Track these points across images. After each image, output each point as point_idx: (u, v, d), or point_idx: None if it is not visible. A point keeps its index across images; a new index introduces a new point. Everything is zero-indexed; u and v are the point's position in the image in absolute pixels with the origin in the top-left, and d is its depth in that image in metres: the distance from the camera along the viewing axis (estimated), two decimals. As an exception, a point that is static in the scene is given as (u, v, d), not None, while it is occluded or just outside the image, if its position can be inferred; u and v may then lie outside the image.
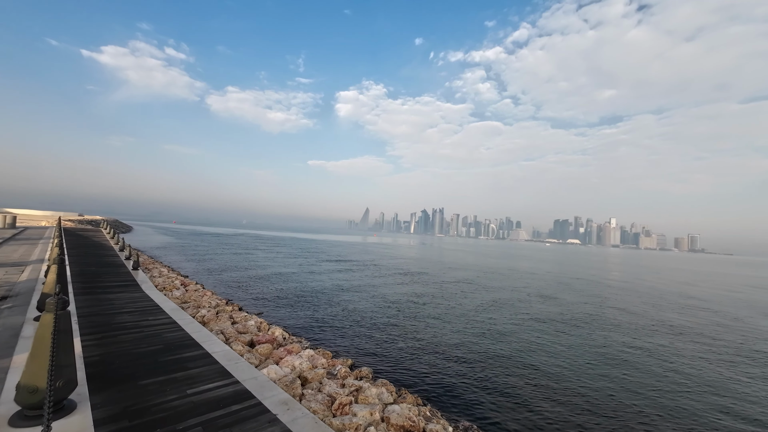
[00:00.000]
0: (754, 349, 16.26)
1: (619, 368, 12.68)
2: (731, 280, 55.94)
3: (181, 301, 14.82)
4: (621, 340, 16.22)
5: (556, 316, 20.44)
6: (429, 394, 9.80)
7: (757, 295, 37.46)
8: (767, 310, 27.51)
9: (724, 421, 9.37)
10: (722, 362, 14.18)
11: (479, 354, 13.27)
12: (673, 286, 40.65)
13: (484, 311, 20.66)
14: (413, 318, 17.99)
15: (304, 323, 15.83)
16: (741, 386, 11.82)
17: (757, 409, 10.20)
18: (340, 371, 9.50)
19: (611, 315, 21.86)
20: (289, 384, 7.79)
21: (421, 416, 7.86)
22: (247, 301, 19.10)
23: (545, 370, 12.04)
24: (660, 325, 19.82)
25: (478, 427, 8.06)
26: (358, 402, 7.91)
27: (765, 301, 33.50)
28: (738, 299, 33.04)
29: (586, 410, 9.42)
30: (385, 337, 14.61)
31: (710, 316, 23.41)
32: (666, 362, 13.67)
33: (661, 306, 26.24)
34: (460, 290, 27.81)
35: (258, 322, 13.30)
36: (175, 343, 8.68)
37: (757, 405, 10.51)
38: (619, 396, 10.41)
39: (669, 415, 9.48)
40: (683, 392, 11.03)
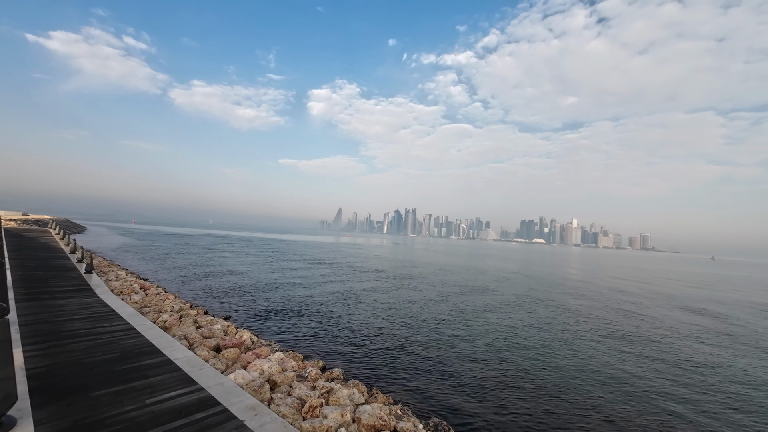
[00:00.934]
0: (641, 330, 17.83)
1: (577, 359, 13.43)
2: (654, 274, 60.99)
3: (140, 306, 13.99)
4: (576, 333, 17.19)
5: (521, 313, 21.30)
6: (400, 393, 9.89)
7: (663, 287, 41.09)
8: (660, 299, 30.27)
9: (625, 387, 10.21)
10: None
11: (449, 352, 13.56)
12: (606, 281, 43.71)
13: (453, 310, 21.13)
14: (385, 318, 18.08)
15: (274, 326, 15.46)
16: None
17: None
18: (310, 373, 9.37)
19: (567, 310, 23.11)
20: (257, 389, 7.58)
21: (392, 415, 7.92)
22: (214, 305, 18.36)
23: (513, 366, 12.52)
24: (585, 317, 21.24)
25: (447, 423, 8.24)
26: (329, 404, 7.84)
27: (663, 292, 36.79)
28: (649, 290, 36.12)
29: (552, 402, 9.90)
30: (357, 337, 14.58)
31: (618, 303, 25.39)
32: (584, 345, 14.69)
33: (589, 298, 28.14)
34: (431, 290, 28.28)
35: (225, 325, 12.83)
36: (134, 350, 8.19)
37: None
38: (583, 387, 11.03)
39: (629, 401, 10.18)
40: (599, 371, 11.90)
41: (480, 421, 8.74)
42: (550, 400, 10.03)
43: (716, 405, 10.45)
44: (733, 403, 10.65)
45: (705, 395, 11.07)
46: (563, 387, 10.96)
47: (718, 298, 34.84)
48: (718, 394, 11.27)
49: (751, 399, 11.05)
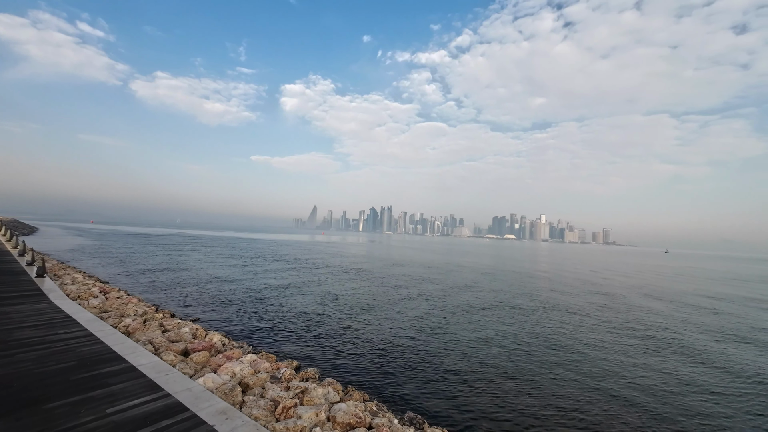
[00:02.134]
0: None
1: (545, 349, 14.08)
2: (612, 267, 65.20)
3: (100, 311, 13.19)
4: (544, 324, 18.01)
5: (492, 307, 21.98)
6: (376, 389, 9.95)
7: (617, 278, 44.14)
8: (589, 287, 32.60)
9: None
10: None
11: (424, 347, 13.79)
12: (570, 273, 46.23)
13: (427, 306, 21.48)
14: (360, 315, 18.09)
15: (246, 327, 15.07)
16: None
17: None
18: (284, 374, 9.23)
19: (537, 302, 24.14)
20: (228, 392, 7.38)
21: (367, 412, 7.96)
22: (181, 307, 17.62)
23: (485, 358, 12.91)
24: (547, 304, 22.42)
25: (422, 417, 8.39)
26: (303, 404, 7.76)
27: (595, 281, 39.59)
28: (607, 281, 38.71)
29: (523, 392, 10.31)
30: (333, 336, 14.50)
31: (562, 288, 27.06)
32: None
33: (552, 289, 29.69)
34: (405, 286, 28.58)
35: (193, 328, 12.36)
36: (93, 357, 7.72)
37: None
38: (553, 375, 11.56)
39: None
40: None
41: (454, 413, 8.96)
42: (521, 390, 10.45)
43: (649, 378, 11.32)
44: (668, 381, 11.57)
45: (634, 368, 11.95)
46: (534, 377, 11.44)
47: (663, 286, 37.62)
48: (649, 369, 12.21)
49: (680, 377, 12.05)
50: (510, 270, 48.09)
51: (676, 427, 8.81)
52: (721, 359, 14.22)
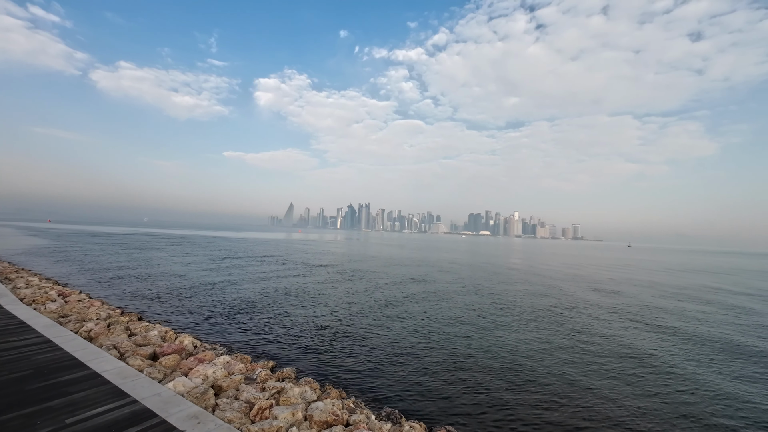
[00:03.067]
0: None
1: (518, 340, 14.59)
2: (579, 260, 68.70)
3: (58, 315, 12.40)
4: (515, 316, 18.66)
5: (468, 302, 22.50)
6: (354, 387, 9.96)
7: (584, 270, 46.72)
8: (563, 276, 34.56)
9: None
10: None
11: (401, 343, 13.92)
12: (539, 267, 48.29)
13: (404, 302, 21.69)
14: (337, 314, 18.01)
15: (220, 328, 14.63)
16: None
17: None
18: (260, 375, 9.06)
19: (513, 297, 24.96)
20: (200, 395, 7.15)
21: (344, 409, 7.96)
22: (149, 309, 16.85)
23: (461, 353, 13.21)
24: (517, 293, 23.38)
25: (399, 412, 8.49)
26: (279, 404, 7.66)
27: (583, 274, 41.95)
28: (573, 273, 40.86)
29: (498, 385, 10.63)
30: (310, 334, 14.36)
31: (548, 287, 28.45)
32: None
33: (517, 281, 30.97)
34: (383, 283, 28.71)
35: (162, 331, 11.88)
36: (50, 365, 7.25)
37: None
38: (528, 367, 11.99)
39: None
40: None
41: (431, 407, 9.12)
42: (497, 382, 10.78)
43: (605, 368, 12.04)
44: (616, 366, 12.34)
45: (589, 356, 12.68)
46: (509, 369, 11.83)
47: (624, 277, 39.93)
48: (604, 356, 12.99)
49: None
50: (484, 265, 49.35)
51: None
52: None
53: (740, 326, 19.14)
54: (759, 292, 33.65)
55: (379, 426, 7.40)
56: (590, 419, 8.77)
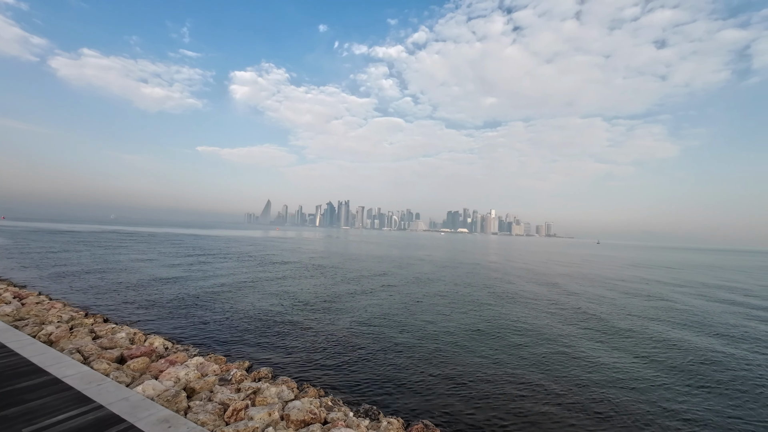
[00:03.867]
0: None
1: (501, 338, 15.01)
2: (553, 256, 71.70)
3: (13, 319, 11.62)
4: (489, 309, 19.20)
5: (444, 297, 22.89)
6: (332, 385, 9.92)
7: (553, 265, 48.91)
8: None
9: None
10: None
11: (379, 339, 13.99)
12: (513, 262, 50.02)
13: (383, 299, 21.79)
14: (315, 312, 17.86)
15: (193, 329, 14.17)
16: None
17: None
18: (235, 375, 8.86)
19: (489, 292, 25.62)
20: (171, 399, 6.91)
21: (322, 407, 7.93)
22: (116, 311, 16.08)
23: (437, 348, 13.43)
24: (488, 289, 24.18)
25: (377, 408, 8.54)
26: (255, 405, 7.53)
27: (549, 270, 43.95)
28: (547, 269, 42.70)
29: (474, 379, 10.89)
30: (287, 334, 14.17)
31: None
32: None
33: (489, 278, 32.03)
34: (362, 281, 28.71)
35: (131, 333, 11.38)
36: (5, 372, 6.79)
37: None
38: (505, 360, 12.33)
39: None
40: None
41: (409, 402, 9.24)
42: (473, 376, 11.04)
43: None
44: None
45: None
46: (485, 362, 12.14)
47: (586, 272, 41.93)
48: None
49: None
50: (462, 262, 50.33)
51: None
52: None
53: (666, 313, 20.53)
54: (688, 284, 36.17)
55: (357, 423, 7.43)
56: (563, 408, 9.16)
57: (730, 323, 19.33)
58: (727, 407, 9.65)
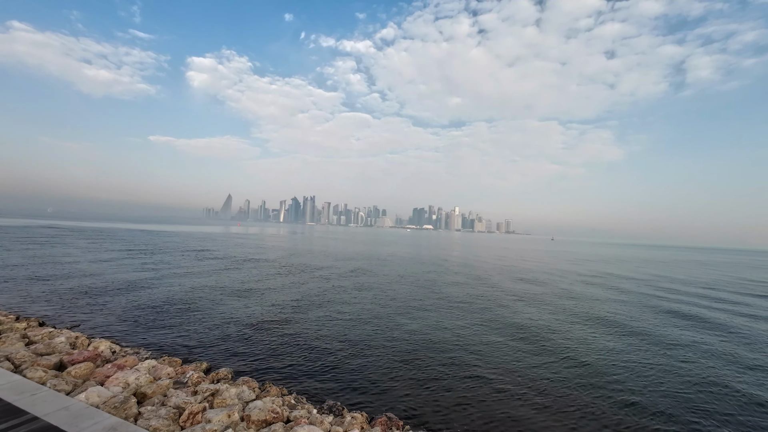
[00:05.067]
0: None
1: (455, 330, 15.56)
2: (510, 252, 75.90)
3: (-74, 325, 10.23)
4: (451, 304, 19.89)
5: (406, 292, 23.32)
6: (295, 383, 9.79)
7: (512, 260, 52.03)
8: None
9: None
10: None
11: (342, 335, 13.98)
12: (473, 257, 52.34)
13: (345, 294, 21.77)
14: (277, 309, 17.46)
15: (144, 331, 13.29)
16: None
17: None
18: (191, 378, 8.46)
19: (448, 285, 26.46)
20: (119, 405, 6.48)
21: (285, 406, 7.81)
22: (55, 314, 14.67)
23: (399, 341, 13.67)
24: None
25: (341, 404, 8.56)
26: (213, 407, 7.25)
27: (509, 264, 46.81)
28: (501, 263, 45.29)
29: (437, 371, 11.22)
30: (248, 332, 13.73)
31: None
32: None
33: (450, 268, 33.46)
34: (325, 277, 28.46)
35: (71, 337, 10.47)
36: None
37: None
38: (466, 351, 12.79)
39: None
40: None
41: (373, 397, 9.35)
42: (436, 368, 11.38)
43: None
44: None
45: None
46: (447, 354, 12.54)
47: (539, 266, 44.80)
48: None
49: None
50: (425, 259, 51.45)
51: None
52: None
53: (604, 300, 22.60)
54: (612, 274, 40.00)
55: (321, 419, 7.40)
56: (520, 399, 9.73)
57: (635, 309, 21.52)
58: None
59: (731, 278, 44.18)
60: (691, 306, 23.80)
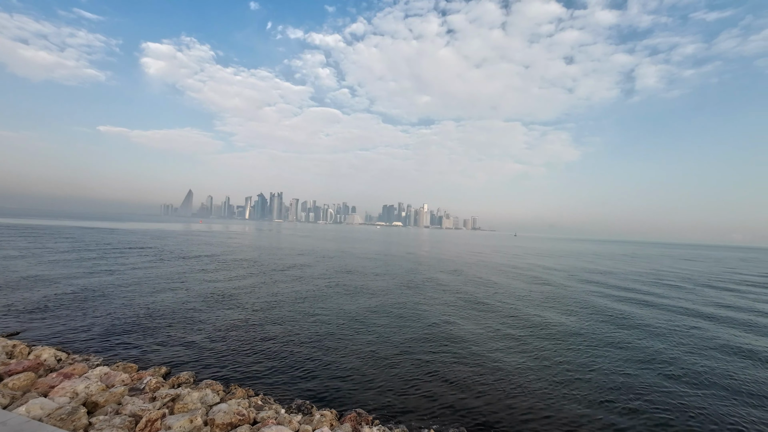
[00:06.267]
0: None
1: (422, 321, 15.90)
2: (454, 247, 78.89)
3: None
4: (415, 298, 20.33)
5: (372, 287, 23.48)
6: (262, 383, 9.56)
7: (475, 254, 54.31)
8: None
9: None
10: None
11: (308, 333, 13.83)
12: (424, 251, 53.92)
13: (311, 292, 21.52)
14: (241, 309, 16.92)
15: (95, 336, 12.36)
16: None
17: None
18: (149, 383, 8.01)
19: (415, 282, 26.97)
20: (66, 417, 6.01)
21: (252, 407, 7.62)
22: (-13, 320, 13.24)
23: (368, 337, 13.76)
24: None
25: (310, 402, 8.49)
26: (174, 412, 6.92)
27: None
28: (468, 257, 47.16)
29: (406, 366, 11.39)
30: (210, 334, 13.19)
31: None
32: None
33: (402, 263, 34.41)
34: (288, 274, 27.95)
35: (8, 346, 9.53)
36: None
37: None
38: (429, 346, 13.07)
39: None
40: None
41: (342, 394, 9.34)
42: (401, 362, 11.56)
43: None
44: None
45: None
46: (411, 349, 12.78)
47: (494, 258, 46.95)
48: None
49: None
50: (393, 254, 51.97)
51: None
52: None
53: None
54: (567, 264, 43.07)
55: (289, 419, 7.30)
56: (484, 387, 10.13)
57: (583, 295, 23.27)
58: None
59: (651, 269, 48.57)
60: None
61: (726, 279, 39.98)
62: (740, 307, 23.37)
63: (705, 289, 31.30)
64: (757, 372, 12.06)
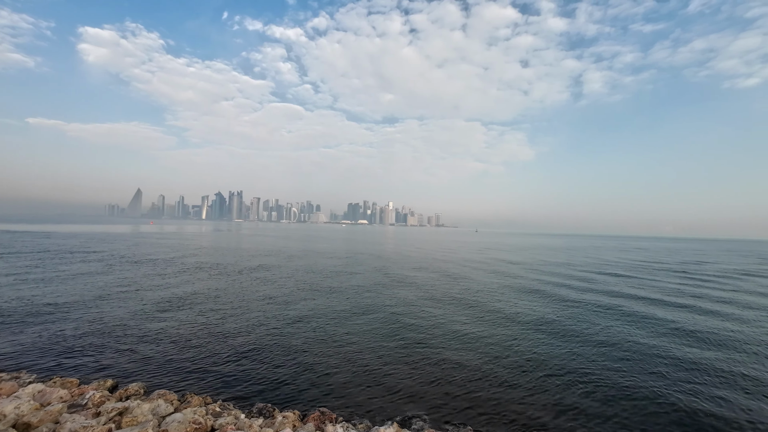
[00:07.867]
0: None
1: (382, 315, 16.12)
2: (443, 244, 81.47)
3: None
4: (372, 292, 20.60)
5: (336, 285, 23.41)
6: (220, 389, 9.21)
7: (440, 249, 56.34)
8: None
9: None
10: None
11: (265, 334, 13.52)
12: (389, 247, 55.12)
13: (270, 293, 21.03)
14: (193, 314, 16.13)
15: (25, 351, 11.18)
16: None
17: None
18: (92, 398, 7.44)
19: (382, 279, 27.24)
20: (-8, 441, 5.42)
21: (209, 415, 7.34)
22: None
23: (328, 336, 13.71)
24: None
25: (272, 405, 8.33)
26: (121, 427, 6.50)
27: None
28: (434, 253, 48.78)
29: (370, 363, 11.48)
30: (160, 342, 12.44)
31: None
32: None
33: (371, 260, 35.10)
34: (250, 277, 27.08)
35: None
36: None
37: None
38: (392, 340, 13.26)
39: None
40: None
41: (304, 394, 9.26)
42: (361, 358, 11.66)
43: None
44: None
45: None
46: (372, 345, 12.92)
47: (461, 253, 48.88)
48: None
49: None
50: (356, 252, 51.97)
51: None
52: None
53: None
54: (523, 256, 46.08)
55: (250, 423, 7.13)
56: (447, 379, 10.49)
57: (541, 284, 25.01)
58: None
59: (589, 258, 53.05)
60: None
61: (647, 267, 44.48)
62: (659, 288, 26.16)
63: (634, 275, 34.60)
64: (666, 339, 13.61)
